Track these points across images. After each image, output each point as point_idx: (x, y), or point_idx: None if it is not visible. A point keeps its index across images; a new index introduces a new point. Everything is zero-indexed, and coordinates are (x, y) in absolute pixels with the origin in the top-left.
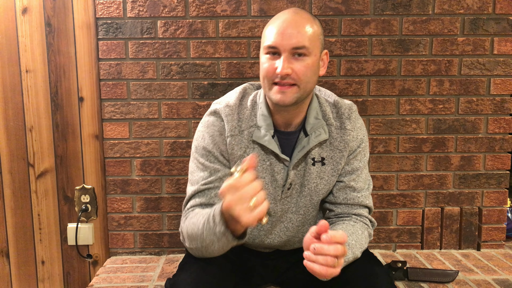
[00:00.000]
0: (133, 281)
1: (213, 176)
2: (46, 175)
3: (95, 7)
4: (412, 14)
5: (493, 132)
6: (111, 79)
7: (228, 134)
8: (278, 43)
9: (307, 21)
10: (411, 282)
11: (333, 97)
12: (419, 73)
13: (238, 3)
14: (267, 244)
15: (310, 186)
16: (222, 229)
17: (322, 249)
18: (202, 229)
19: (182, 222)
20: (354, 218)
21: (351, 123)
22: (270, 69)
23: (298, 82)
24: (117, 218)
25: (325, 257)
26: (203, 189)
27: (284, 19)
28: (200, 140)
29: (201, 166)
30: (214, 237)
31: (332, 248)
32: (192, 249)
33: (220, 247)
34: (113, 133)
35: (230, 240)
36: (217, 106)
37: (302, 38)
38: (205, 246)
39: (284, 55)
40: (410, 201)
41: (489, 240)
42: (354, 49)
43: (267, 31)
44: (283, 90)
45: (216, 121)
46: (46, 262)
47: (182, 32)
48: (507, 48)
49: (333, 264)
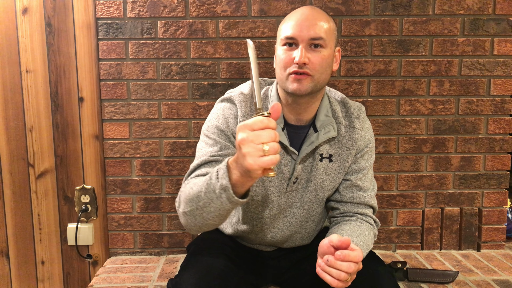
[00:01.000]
0: (133, 281)
1: (223, 151)
2: (46, 175)
3: (96, 7)
4: (412, 14)
5: (493, 133)
6: (111, 79)
7: (241, 119)
8: (296, 34)
9: (324, 16)
10: (411, 283)
11: (341, 96)
12: (419, 73)
13: (239, 4)
14: (269, 240)
15: (316, 182)
16: (224, 183)
17: (335, 264)
18: (201, 186)
19: (182, 187)
20: (360, 218)
21: (360, 122)
22: (288, 59)
23: (313, 73)
24: (117, 218)
25: (339, 272)
26: (211, 160)
27: (302, 12)
28: (214, 120)
29: (211, 141)
30: (213, 195)
31: (345, 265)
32: (186, 214)
33: (217, 209)
34: (113, 133)
35: (230, 198)
36: (231, 94)
37: (319, 30)
38: (201, 207)
39: (302, 45)
40: (410, 202)
41: (489, 241)
42: (354, 49)
43: (283, 25)
44: (299, 79)
45: (231, 106)
46: (46, 262)
47: (182, 32)
48: (507, 48)
49: (345, 280)
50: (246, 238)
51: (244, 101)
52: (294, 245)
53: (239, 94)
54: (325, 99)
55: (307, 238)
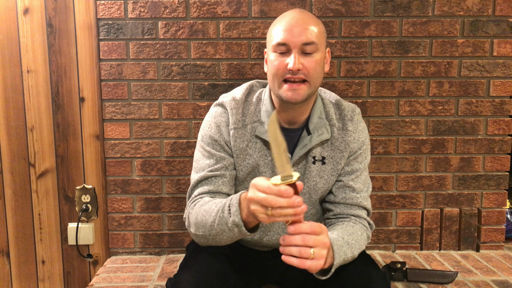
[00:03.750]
0: (133, 281)
1: (219, 164)
2: (47, 175)
3: (96, 8)
4: (412, 16)
5: (493, 134)
6: (112, 80)
7: (232, 126)
8: (288, 40)
9: (313, 19)
10: (410, 283)
11: (336, 97)
12: (418, 74)
13: (239, 5)
14: (265, 242)
15: (310, 184)
16: (236, 220)
17: (289, 239)
18: (214, 217)
19: (190, 208)
20: (353, 219)
21: (353, 124)
22: (281, 65)
23: (309, 78)
24: (117, 218)
25: (298, 248)
26: (210, 176)
27: (291, 17)
28: (207, 129)
29: (207, 153)
30: (225, 227)
31: (298, 237)
32: (198, 236)
33: (229, 237)
34: (114, 133)
35: (242, 231)
36: (224, 99)
37: (310, 35)
38: (213, 235)
39: (294, 51)
40: (409, 202)
41: (488, 241)
42: (354, 50)
43: (274, 30)
44: (294, 88)
45: (222, 112)
46: (47, 261)
47: (183, 33)
48: (507, 50)
49: (308, 255)
50: (242, 241)
51: (236, 108)
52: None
53: (231, 100)
54: (318, 101)
55: None
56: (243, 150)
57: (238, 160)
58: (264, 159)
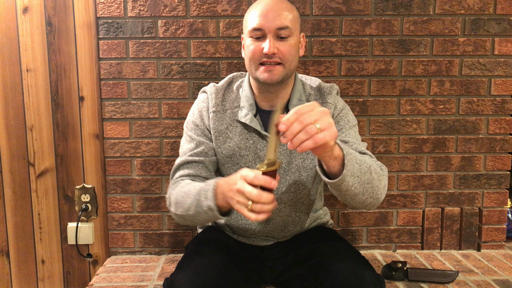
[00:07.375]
0: (133, 281)
1: (199, 148)
2: (47, 174)
3: (96, 7)
4: (413, 14)
5: (494, 133)
6: (111, 79)
7: (211, 110)
8: (263, 25)
9: (287, 4)
10: (411, 283)
11: (318, 82)
12: (419, 73)
13: (239, 3)
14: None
15: (298, 162)
16: (210, 205)
17: (290, 131)
18: (192, 200)
19: (172, 189)
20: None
21: (332, 97)
22: (257, 50)
23: (284, 61)
24: (117, 218)
25: (303, 132)
26: (190, 161)
27: (266, 3)
28: (190, 115)
29: (189, 138)
30: (201, 210)
31: (295, 124)
32: (177, 215)
33: (204, 219)
34: (114, 132)
35: (215, 215)
36: (206, 87)
37: (285, 20)
38: (191, 216)
39: (270, 35)
40: (410, 202)
41: (490, 241)
42: (354, 49)
43: (249, 16)
44: (270, 69)
45: (205, 98)
46: (46, 261)
47: (182, 31)
48: (508, 48)
49: (315, 131)
50: (239, 230)
51: (215, 93)
52: (290, 234)
53: (212, 86)
54: (298, 85)
55: (299, 223)
56: (223, 132)
57: (217, 142)
58: (246, 142)
